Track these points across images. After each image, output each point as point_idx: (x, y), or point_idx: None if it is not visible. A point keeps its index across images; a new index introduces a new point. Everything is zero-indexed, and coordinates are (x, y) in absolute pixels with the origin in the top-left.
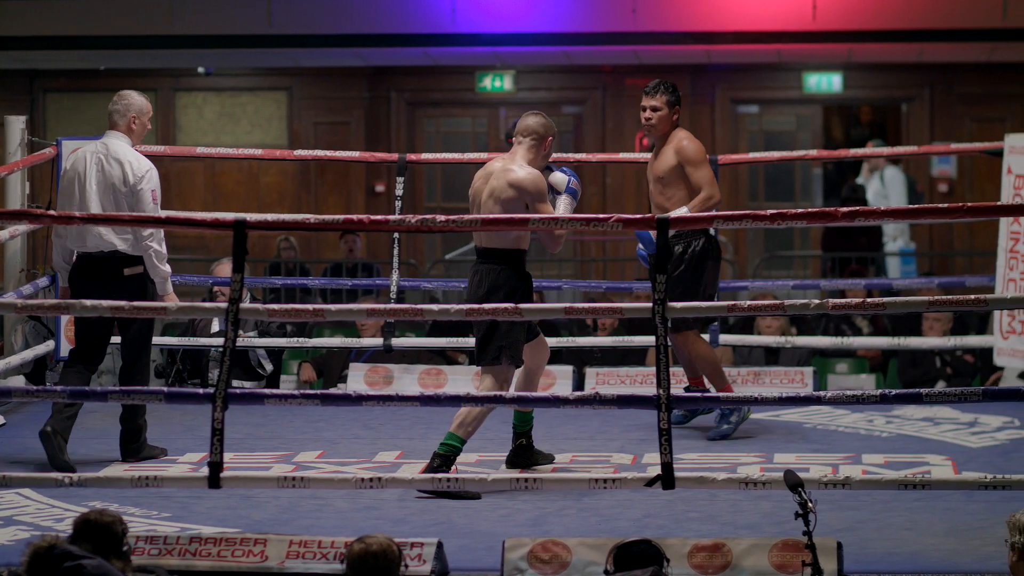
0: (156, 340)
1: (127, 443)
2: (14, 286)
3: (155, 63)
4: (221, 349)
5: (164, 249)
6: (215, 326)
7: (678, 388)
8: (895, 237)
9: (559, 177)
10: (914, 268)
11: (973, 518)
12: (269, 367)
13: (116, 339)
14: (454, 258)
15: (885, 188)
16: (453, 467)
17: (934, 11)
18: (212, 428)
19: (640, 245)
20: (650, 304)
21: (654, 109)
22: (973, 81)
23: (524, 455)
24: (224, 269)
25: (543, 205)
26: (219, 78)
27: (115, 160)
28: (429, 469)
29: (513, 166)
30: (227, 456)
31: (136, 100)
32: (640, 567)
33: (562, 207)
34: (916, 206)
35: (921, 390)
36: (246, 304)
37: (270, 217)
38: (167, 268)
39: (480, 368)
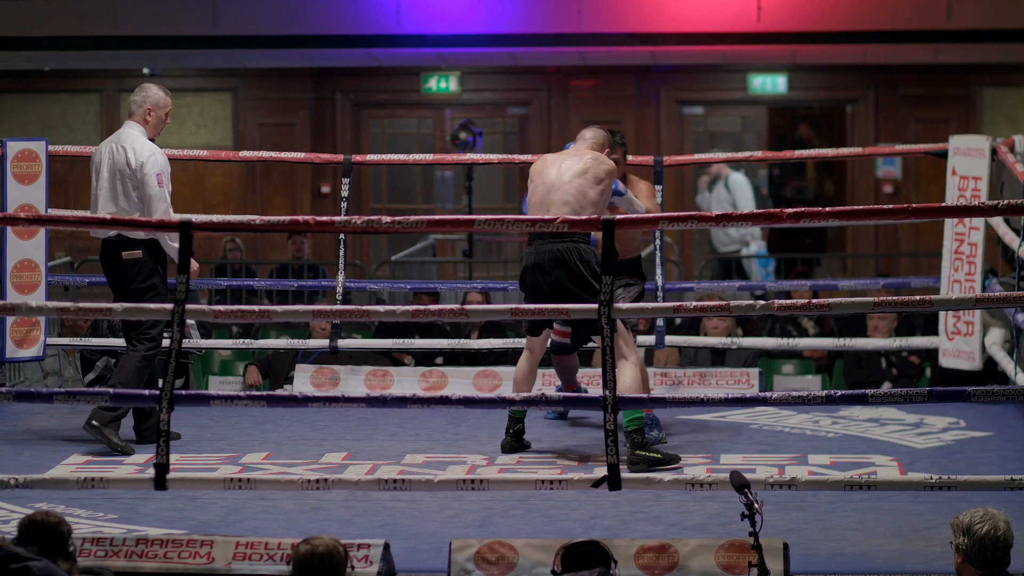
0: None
1: (139, 424)
2: None
3: (100, 64)
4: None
5: None
6: None
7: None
8: (748, 242)
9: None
10: (772, 270)
11: (919, 519)
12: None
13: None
14: (400, 259)
15: (731, 194)
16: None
17: (878, 12)
18: (158, 429)
19: None
20: (596, 305)
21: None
22: (917, 82)
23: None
24: None
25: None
26: (164, 79)
27: (121, 147)
28: (634, 444)
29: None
30: (173, 457)
31: (154, 93)
32: (587, 568)
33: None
34: (863, 207)
35: (867, 391)
36: (192, 305)
37: (216, 218)
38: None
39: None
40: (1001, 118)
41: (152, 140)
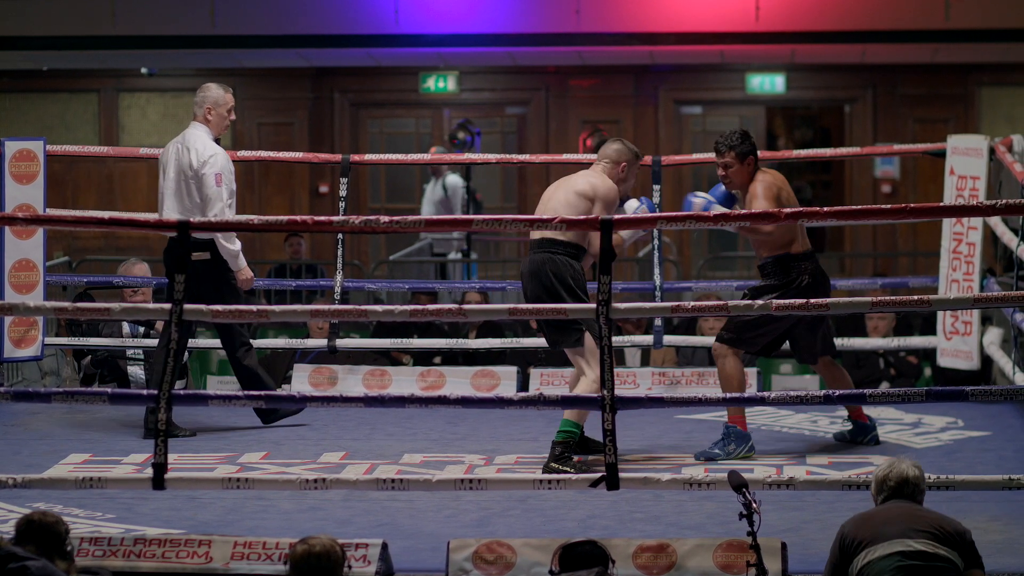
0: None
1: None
2: None
3: (98, 63)
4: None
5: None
6: (125, 326)
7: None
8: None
9: (631, 204)
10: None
11: None
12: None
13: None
14: (398, 259)
15: (448, 195)
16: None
17: (877, 12)
18: (157, 429)
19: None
20: (594, 305)
21: (726, 166)
22: (916, 82)
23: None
24: (134, 269)
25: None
26: (162, 79)
27: (186, 148)
28: (551, 458)
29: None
30: (171, 457)
31: (212, 92)
32: (585, 568)
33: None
34: (861, 206)
35: (865, 391)
36: (191, 305)
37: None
38: (234, 246)
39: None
40: (999, 118)
41: (217, 138)
